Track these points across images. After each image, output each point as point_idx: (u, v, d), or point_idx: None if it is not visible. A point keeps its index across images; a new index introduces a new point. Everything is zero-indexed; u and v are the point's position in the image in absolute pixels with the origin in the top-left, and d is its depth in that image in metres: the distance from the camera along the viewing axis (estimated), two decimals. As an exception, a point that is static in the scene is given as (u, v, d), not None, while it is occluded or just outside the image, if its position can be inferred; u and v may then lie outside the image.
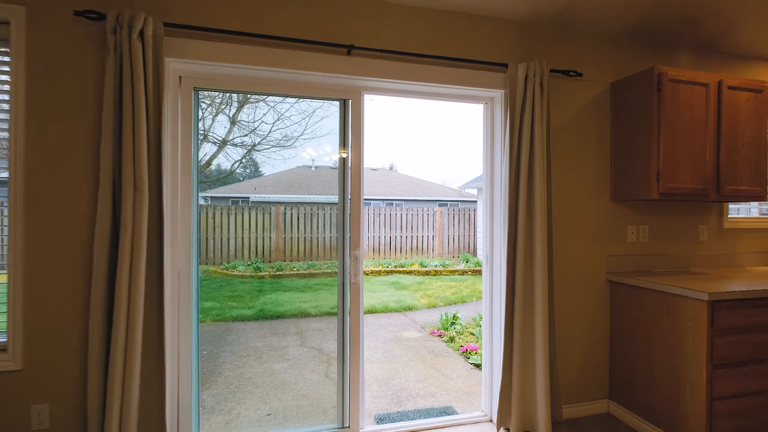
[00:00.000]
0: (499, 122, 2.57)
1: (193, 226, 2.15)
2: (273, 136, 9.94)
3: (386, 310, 6.32)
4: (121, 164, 1.84)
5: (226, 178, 12.19)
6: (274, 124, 10.01)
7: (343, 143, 2.40)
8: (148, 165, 1.88)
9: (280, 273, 9.62)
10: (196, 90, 2.18)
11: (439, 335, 5.09)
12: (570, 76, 2.57)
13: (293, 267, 10.18)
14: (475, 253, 12.91)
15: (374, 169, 27.57)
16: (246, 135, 9.85)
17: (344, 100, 2.37)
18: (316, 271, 9.73)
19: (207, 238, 12.11)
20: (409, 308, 6.42)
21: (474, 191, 14.18)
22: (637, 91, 2.55)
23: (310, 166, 25.19)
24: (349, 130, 2.37)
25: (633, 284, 2.53)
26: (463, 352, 4.42)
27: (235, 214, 12.38)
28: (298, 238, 12.61)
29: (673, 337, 2.27)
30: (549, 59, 2.59)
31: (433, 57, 2.32)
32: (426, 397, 3.26)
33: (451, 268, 9.58)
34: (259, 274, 9.61)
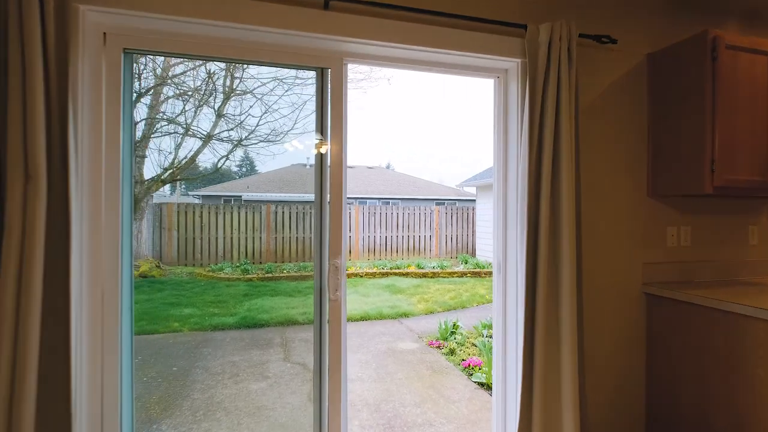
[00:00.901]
0: (515, 102, 2.09)
1: (121, 227, 1.66)
2: (261, 131, 9.42)
3: (380, 316, 5.84)
4: (5, 144, 1.34)
5: (213, 175, 11.68)
6: (261, 117, 9.45)
7: (321, 127, 1.91)
8: (48, 147, 1.39)
9: (270, 275, 9.10)
10: (128, 52, 1.69)
11: (438, 346, 4.62)
12: (602, 43, 2.09)
13: (284, 269, 9.64)
14: (474, 254, 12.45)
15: (370, 168, 27.08)
16: (232, 129, 9.33)
17: (321, 69, 1.88)
18: (307, 274, 9.20)
19: (194, 239, 11.57)
20: (405, 315, 5.95)
21: (473, 189, 13.72)
22: (684, 62, 2.07)
23: (305, 164, 24.71)
24: (328, 110, 1.88)
25: (678, 299, 2.06)
26: (465, 367, 3.95)
27: (224, 213, 11.85)
28: (290, 238, 12.09)
29: (737, 371, 1.80)
30: (575, 22, 2.11)
31: (432, 13, 1.83)
32: (424, 426, 2.79)
33: (450, 270, 9.11)
34: (247, 276, 9.08)
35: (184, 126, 8.68)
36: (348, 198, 18.40)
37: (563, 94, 1.90)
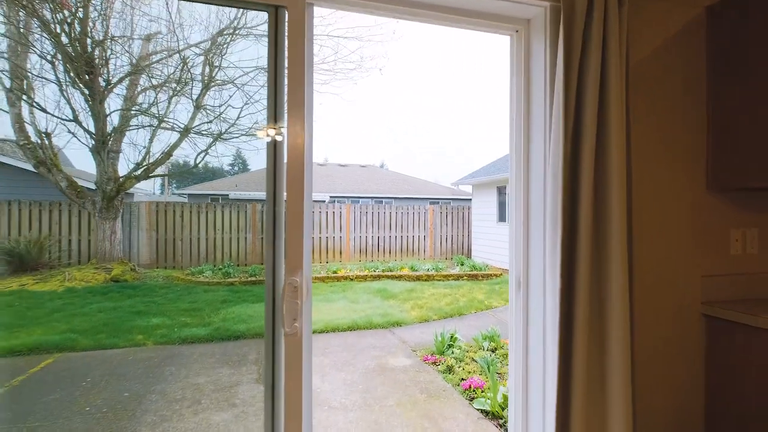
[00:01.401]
0: (540, 64, 1.56)
1: None
2: (243, 123, 8.82)
3: (370, 326, 5.30)
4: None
5: (192, 171, 11.02)
6: (242, 108, 8.85)
7: (274, 97, 1.37)
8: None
9: (253, 279, 8.48)
10: None
11: (434, 362, 4.10)
12: (656, -16, 1.57)
13: None
14: (469, 255, 11.96)
15: (363, 166, 26.54)
16: (210, 121, 8.73)
17: (276, 8, 1.34)
18: None
19: (174, 240, 10.93)
20: (398, 323, 5.42)
21: (469, 188, 13.23)
22: (756, 14, 1.56)
23: (296, 162, 23.92)
24: (284, 69, 1.34)
25: (752, 325, 1.55)
26: (466, 389, 3.43)
27: (207, 212, 11.22)
28: (276, 238, 11.38)
29: None
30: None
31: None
32: (418, 474, 2.26)
33: (445, 273, 8.60)
34: (228, 280, 8.45)
35: (157, 117, 8.05)
36: (340, 197, 17.74)
37: (611, 50, 1.38)
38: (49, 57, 7.28)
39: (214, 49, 7.64)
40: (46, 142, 8.85)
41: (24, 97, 8.26)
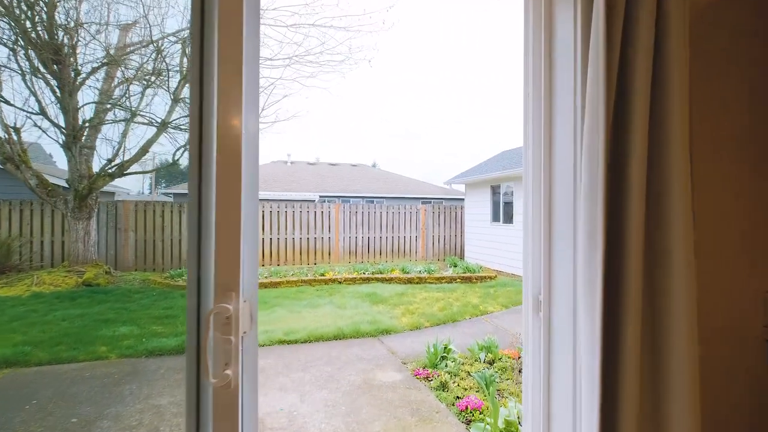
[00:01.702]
0: (568, 31, 1.19)
1: None
2: None
3: (357, 334, 4.91)
4: None
5: (171, 168, 10.50)
6: None
7: (200, 48, 0.97)
8: None
9: None
10: None
11: (426, 377, 3.72)
12: None
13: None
14: (462, 256, 11.62)
15: (354, 165, 26.11)
16: (186, 115, 8.22)
17: None
18: (278, 280, 8.09)
19: (154, 240, 10.42)
20: (387, 331, 5.03)
21: (462, 187, 12.90)
22: None
23: (286, 161, 23.51)
24: (214, 38, 0.94)
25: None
26: (462, 410, 3.06)
27: (189, 211, 10.69)
28: (263, 239, 10.96)
29: None
30: None
31: None
32: None
33: (437, 275, 8.23)
34: None
35: (131, 110, 7.53)
36: (330, 197, 17.31)
37: (671, 4, 1.01)
38: (9, 44, 6.77)
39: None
40: (14, 137, 8.32)
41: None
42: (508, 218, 9.47)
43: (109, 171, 7.94)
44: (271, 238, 10.84)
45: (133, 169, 8.17)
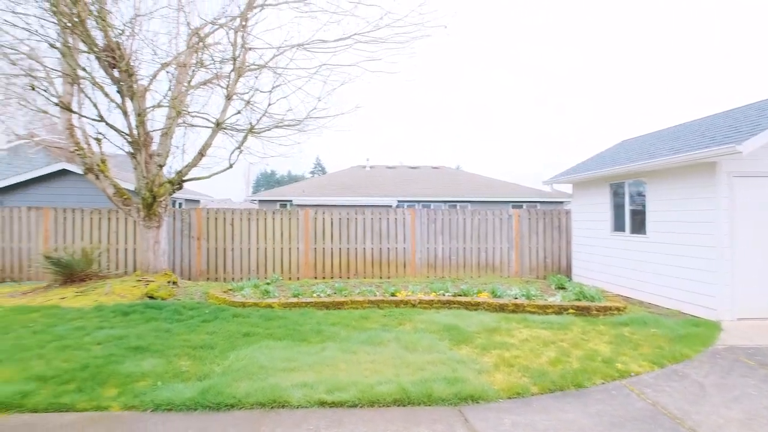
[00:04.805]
0: None
1: None
2: (274, 112, 7.35)
3: (429, 399, 3.39)
4: None
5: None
6: (272, 90, 7.35)
7: None
8: None
9: (295, 300, 6.87)
10: None
11: None
12: None
13: (314, 291, 7.26)
14: (569, 274, 9.37)
15: (435, 167, 24.49)
16: (238, 112, 7.39)
17: None
18: (341, 299, 6.83)
19: (225, 249, 10.01)
20: (473, 398, 3.43)
21: (564, 187, 10.60)
22: None
23: (364, 166, 22.81)
24: None
25: None
26: None
27: (257, 220, 10.15)
28: (332, 249, 9.90)
29: None
30: None
31: None
32: None
33: (540, 302, 6.32)
34: (266, 301, 6.83)
35: (189, 113, 6.96)
36: (409, 201, 15.78)
37: None
38: (84, 55, 6.57)
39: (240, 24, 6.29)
40: (95, 148, 8.38)
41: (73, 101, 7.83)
42: (638, 227, 7.14)
43: (169, 178, 7.55)
44: (340, 248, 9.80)
45: (192, 175, 7.66)
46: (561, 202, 17.86)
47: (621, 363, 4.07)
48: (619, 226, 7.62)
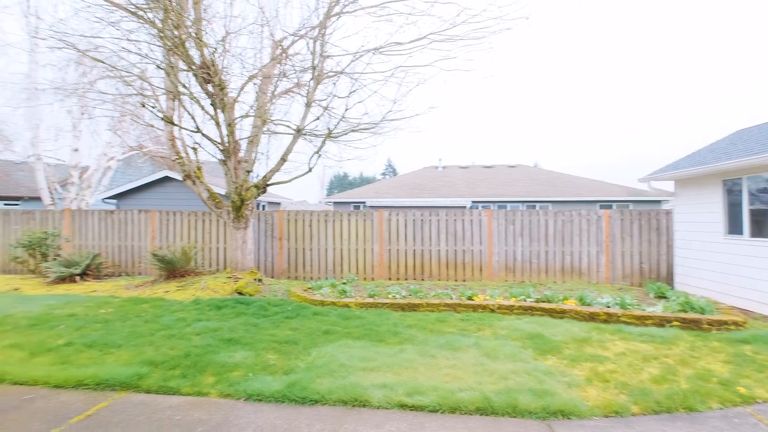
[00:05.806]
0: None
1: None
2: (350, 116, 7.49)
3: (513, 411, 3.20)
4: None
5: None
6: (349, 95, 7.50)
7: None
8: None
9: (370, 301, 6.97)
10: None
11: None
12: None
13: (389, 293, 7.25)
14: (670, 281, 8.35)
15: (512, 166, 23.46)
16: (317, 118, 7.66)
17: None
18: (417, 301, 6.75)
19: (304, 249, 10.51)
20: (564, 413, 3.17)
21: (668, 185, 9.50)
22: None
23: (436, 166, 22.62)
24: None
25: None
26: None
27: (333, 221, 10.50)
28: (405, 251, 9.91)
29: None
30: None
31: None
32: None
33: (638, 312, 5.69)
34: (343, 300, 7.05)
35: (272, 120, 7.43)
36: (484, 202, 15.32)
37: None
38: (182, 71, 7.38)
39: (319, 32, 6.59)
40: (192, 156, 9.31)
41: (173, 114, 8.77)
42: (760, 229, 6.13)
43: (255, 183, 8.12)
44: (414, 249, 9.77)
45: (275, 179, 8.16)
46: (657, 201, 16.07)
47: (743, 386, 3.49)
48: (735, 229, 6.61)
